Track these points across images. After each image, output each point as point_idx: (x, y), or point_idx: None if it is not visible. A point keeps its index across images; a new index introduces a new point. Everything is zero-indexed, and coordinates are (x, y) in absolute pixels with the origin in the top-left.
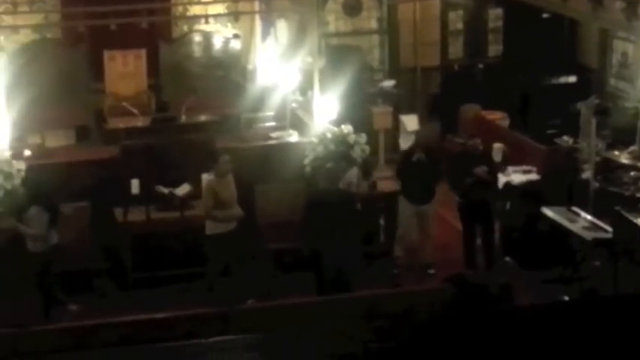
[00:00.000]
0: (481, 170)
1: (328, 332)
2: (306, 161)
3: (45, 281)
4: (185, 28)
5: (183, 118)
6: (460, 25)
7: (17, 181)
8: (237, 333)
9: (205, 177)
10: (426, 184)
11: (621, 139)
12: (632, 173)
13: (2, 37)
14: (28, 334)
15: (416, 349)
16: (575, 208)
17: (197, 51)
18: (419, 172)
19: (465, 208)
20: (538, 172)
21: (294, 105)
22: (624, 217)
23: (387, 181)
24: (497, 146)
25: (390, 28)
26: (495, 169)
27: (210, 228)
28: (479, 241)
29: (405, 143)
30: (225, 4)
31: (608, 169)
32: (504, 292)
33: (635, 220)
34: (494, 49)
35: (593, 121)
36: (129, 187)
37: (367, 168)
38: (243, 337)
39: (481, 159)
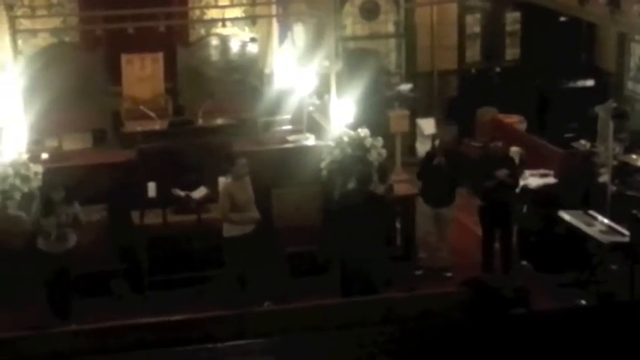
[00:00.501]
0: (502, 173)
1: (345, 335)
2: (323, 165)
3: (62, 283)
4: (202, 31)
5: (200, 122)
6: (477, 29)
7: (35, 184)
8: (253, 335)
9: (222, 180)
10: (446, 187)
11: (639, 143)
12: None
13: (20, 41)
14: (45, 337)
15: (433, 352)
16: (592, 212)
17: (214, 54)
18: (439, 175)
19: (486, 211)
20: (555, 176)
21: (310, 108)
22: None
23: (403, 185)
24: (514, 150)
25: (407, 32)
26: (517, 172)
27: (228, 230)
28: (497, 245)
29: (422, 147)
30: (243, 8)
31: (625, 172)
32: (521, 295)
33: None
34: (512, 52)
35: (611, 125)
36: (146, 190)
37: (384, 171)
38: (259, 342)
39: (502, 162)
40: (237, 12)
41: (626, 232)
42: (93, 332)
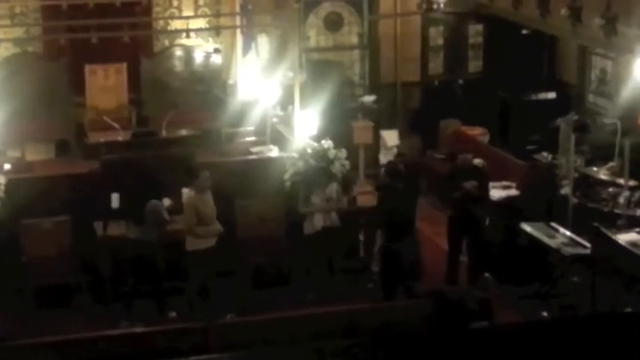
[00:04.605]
0: (470, 185)
1: (308, 347)
2: (287, 176)
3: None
4: (166, 42)
5: (164, 133)
6: (440, 41)
7: None
8: (216, 348)
9: (186, 191)
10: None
11: (600, 156)
12: (611, 189)
13: None
14: (6, 349)
15: None
16: (554, 224)
17: (178, 65)
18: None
19: (454, 223)
20: (517, 188)
21: (274, 120)
22: (603, 233)
23: (367, 196)
24: (477, 161)
25: (371, 44)
26: (486, 184)
27: (191, 244)
28: (462, 257)
29: (385, 158)
30: (207, 19)
31: (586, 185)
32: (483, 307)
33: (613, 236)
34: (475, 64)
35: (572, 138)
36: (109, 202)
37: (347, 183)
38: (224, 356)
39: (471, 174)
40: (201, 23)
41: (587, 244)
42: (56, 344)
